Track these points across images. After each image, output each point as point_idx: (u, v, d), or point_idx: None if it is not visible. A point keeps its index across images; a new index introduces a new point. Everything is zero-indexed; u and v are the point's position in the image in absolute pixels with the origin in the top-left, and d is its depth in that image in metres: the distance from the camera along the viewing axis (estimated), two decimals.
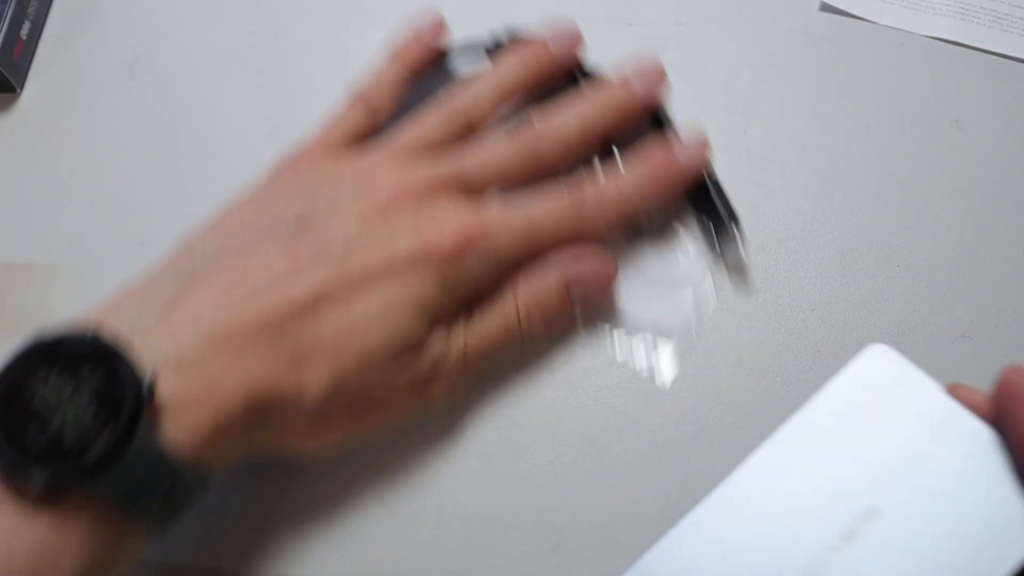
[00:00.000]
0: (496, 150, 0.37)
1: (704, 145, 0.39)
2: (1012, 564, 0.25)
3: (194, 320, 0.31)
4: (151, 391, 0.28)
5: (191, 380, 0.29)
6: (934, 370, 0.37)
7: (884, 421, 0.28)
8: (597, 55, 0.46)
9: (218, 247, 0.34)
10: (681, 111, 0.44)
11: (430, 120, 0.38)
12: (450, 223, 0.34)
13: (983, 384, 0.37)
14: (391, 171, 0.36)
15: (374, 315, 0.32)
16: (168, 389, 0.28)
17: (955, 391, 0.28)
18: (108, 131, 0.47)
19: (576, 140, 0.38)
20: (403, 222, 0.34)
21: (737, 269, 0.40)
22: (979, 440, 0.27)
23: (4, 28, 0.47)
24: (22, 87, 0.49)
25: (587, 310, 0.38)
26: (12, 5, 0.48)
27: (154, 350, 0.29)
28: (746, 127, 0.44)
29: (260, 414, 0.31)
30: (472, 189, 0.36)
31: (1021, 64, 0.44)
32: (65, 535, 0.27)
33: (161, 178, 0.46)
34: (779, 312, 0.39)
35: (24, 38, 0.49)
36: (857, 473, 0.27)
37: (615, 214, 0.37)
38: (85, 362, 0.27)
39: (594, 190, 0.37)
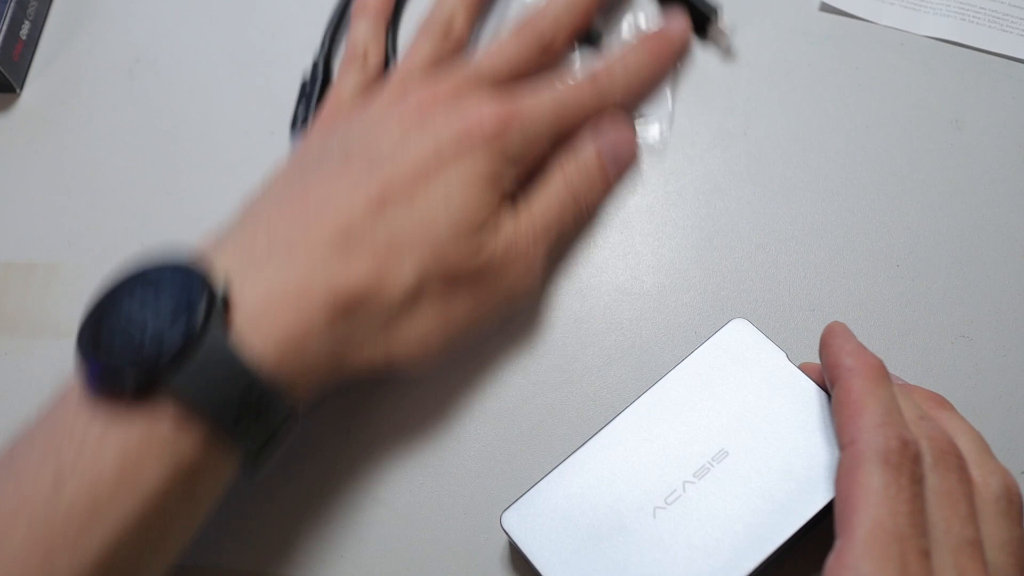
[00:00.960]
0: (505, 46, 0.40)
1: (684, 24, 0.44)
2: (823, 500, 0.31)
3: (268, 237, 0.32)
4: (226, 295, 0.30)
5: (269, 288, 0.31)
6: (935, 371, 0.38)
7: (738, 381, 0.34)
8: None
9: (280, 188, 0.36)
10: (682, 111, 0.44)
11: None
12: (487, 109, 0.36)
13: (983, 385, 0.37)
14: (420, 84, 0.38)
15: (437, 201, 0.34)
16: (247, 298, 0.30)
17: (804, 366, 0.35)
18: (108, 131, 0.47)
19: (569, 22, 0.41)
20: (441, 118, 0.36)
21: (725, 50, 0.45)
22: (811, 398, 0.33)
23: (4, 28, 0.47)
24: (22, 87, 0.49)
25: (619, 170, 0.42)
26: (12, 5, 0.48)
27: (231, 262, 0.31)
28: (746, 127, 0.44)
29: (345, 315, 0.32)
30: (497, 84, 0.39)
31: (1021, 64, 0.44)
32: (151, 437, 0.28)
33: (161, 178, 0.46)
34: (779, 311, 0.39)
35: (24, 38, 0.49)
36: (713, 422, 0.33)
37: (626, 85, 0.41)
38: (166, 274, 0.30)
39: (603, 68, 0.41)
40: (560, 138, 0.39)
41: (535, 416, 0.38)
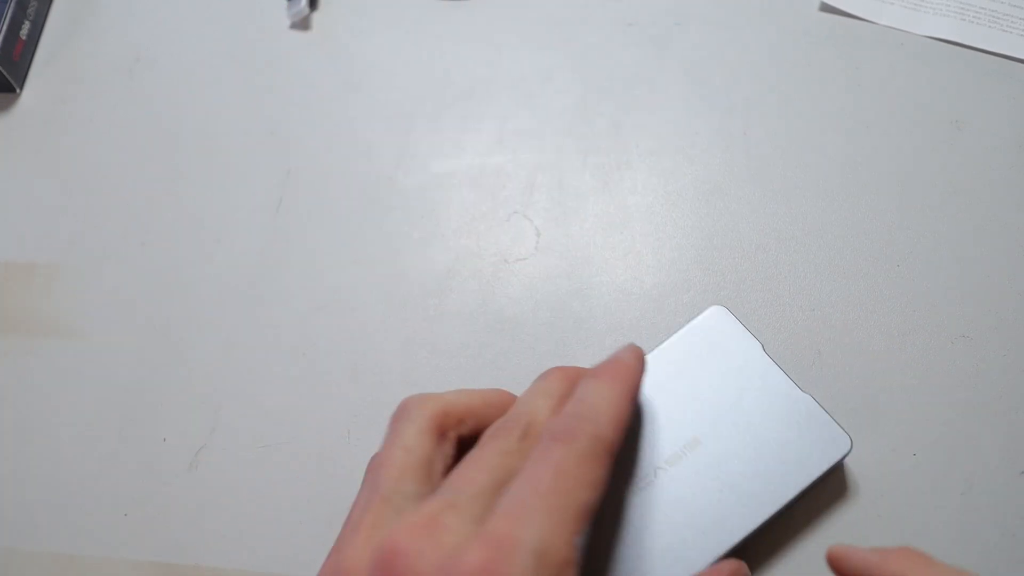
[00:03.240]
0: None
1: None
2: (790, 493, 0.33)
3: None
4: None
5: None
6: (935, 371, 0.38)
7: (713, 369, 0.35)
8: (597, 53, 0.46)
9: None
10: (681, 110, 0.44)
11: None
12: None
13: (981, 385, 0.37)
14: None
15: None
16: None
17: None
18: (108, 131, 0.47)
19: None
20: None
21: None
22: (782, 391, 0.34)
23: (4, 28, 0.47)
24: (22, 87, 0.49)
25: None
26: (12, 5, 0.48)
27: None
28: (746, 127, 0.44)
29: None
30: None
31: (1021, 64, 0.44)
32: None
33: (161, 178, 0.46)
34: (780, 312, 0.39)
35: (24, 38, 0.49)
36: (687, 410, 0.34)
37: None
38: None
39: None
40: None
41: None
